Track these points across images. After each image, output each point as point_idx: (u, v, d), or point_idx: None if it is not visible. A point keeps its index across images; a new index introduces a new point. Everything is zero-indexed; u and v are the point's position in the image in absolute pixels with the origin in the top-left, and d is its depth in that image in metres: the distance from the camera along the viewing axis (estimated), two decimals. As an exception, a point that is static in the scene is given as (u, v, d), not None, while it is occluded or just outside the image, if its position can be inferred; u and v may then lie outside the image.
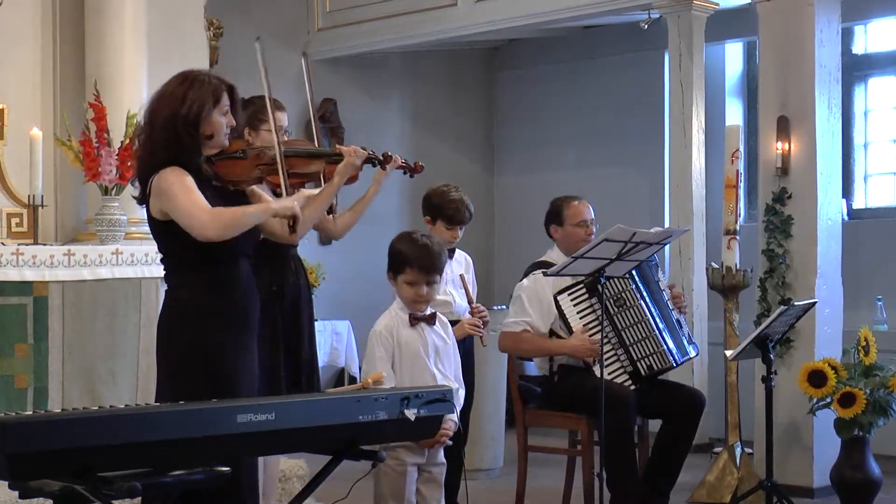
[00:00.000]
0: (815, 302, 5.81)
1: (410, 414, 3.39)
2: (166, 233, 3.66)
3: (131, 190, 3.86)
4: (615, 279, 5.19)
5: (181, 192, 3.56)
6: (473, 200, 5.25)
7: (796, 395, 6.04)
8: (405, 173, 4.58)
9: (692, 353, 5.48)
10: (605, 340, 5.21)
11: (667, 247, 6.65)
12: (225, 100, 3.69)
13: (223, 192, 3.75)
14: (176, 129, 3.60)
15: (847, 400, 5.76)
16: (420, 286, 4.14)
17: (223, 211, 3.61)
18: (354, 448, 3.40)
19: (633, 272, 5.30)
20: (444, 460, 4.22)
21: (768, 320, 5.30)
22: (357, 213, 4.55)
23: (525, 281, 5.39)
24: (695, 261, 7.37)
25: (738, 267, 6.12)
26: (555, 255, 5.44)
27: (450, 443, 4.15)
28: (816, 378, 5.84)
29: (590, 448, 5.31)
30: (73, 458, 2.78)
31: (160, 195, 3.60)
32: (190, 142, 3.63)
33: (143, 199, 3.73)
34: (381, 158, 4.32)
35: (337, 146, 4.26)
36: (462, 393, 4.31)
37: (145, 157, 3.68)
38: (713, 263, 6.27)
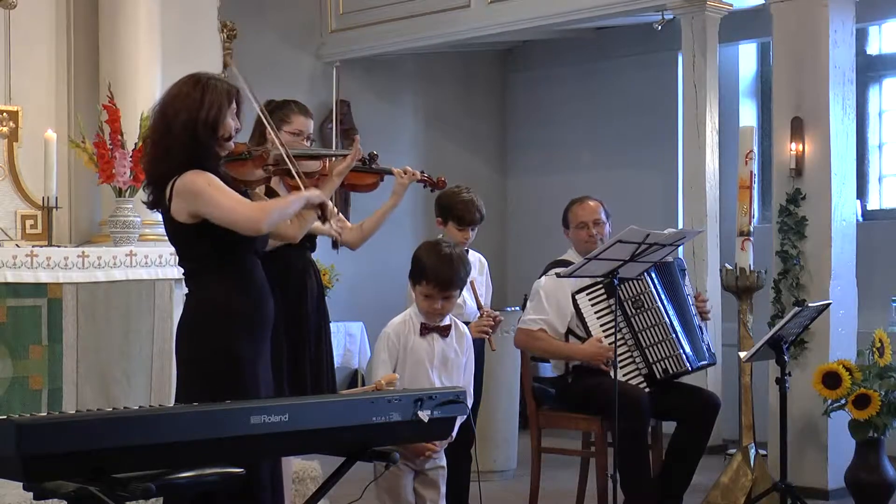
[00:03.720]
0: (830, 303, 5.79)
1: (424, 415, 3.39)
2: (193, 235, 3.62)
3: (142, 195, 3.84)
4: (634, 281, 5.19)
5: (217, 192, 3.56)
6: (486, 202, 5.25)
7: (811, 396, 6.02)
8: (425, 186, 4.65)
9: (708, 361, 5.47)
10: (622, 342, 5.21)
11: (680, 248, 6.63)
12: (234, 103, 3.70)
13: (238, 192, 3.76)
14: (196, 132, 3.58)
15: (861, 401, 5.74)
16: (435, 300, 4.12)
17: (266, 203, 3.69)
18: (368, 450, 3.40)
19: (654, 275, 5.30)
20: (444, 463, 4.21)
21: (782, 322, 5.29)
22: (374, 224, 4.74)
23: (544, 279, 5.39)
24: (708, 262, 7.35)
25: (751, 268, 6.09)
26: (572, 255, 5.44)
27: (434, 458, 4.14)
28: (831, 379, 5.83)
29: (603, 450, 5.31)
30: (88, 459, 2.78)
31: (191, 198, 3.56)
32: (209, 144, 3.63)
33: (155, 203, 3.69)
34: (392, 171, 4.59)
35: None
36: (470, 403, 4.30)
37: (160, 157, 3.64)
38: (727, 265, 6.24)
